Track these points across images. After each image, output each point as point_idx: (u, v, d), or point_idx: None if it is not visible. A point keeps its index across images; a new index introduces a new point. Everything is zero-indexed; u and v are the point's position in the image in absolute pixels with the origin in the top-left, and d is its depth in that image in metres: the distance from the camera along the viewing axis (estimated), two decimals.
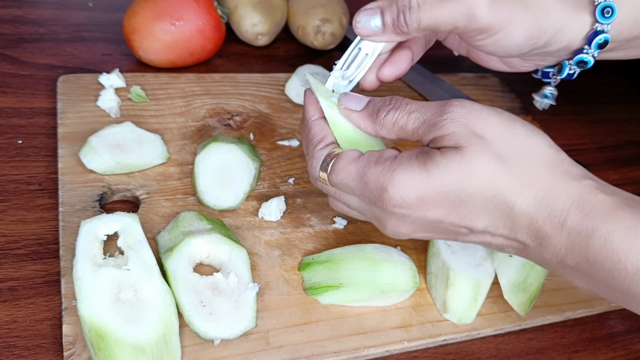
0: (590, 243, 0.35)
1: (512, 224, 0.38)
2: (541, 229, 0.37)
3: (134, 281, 0.42)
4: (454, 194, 0.37)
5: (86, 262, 0.41)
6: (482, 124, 0.38)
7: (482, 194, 0.37)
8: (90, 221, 0.44)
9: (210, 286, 0.44)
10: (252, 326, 0.44)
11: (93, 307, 0.40)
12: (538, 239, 0.37)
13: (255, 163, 0.54)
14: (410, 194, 0.37)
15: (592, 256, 0.35)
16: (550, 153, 0.38)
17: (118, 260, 0.43)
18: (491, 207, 0.38)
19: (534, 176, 0.37)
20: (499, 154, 0.37)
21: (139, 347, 0.40)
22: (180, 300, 0.43)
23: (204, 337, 0.42)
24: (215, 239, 0.46)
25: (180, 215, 0.49)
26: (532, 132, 0.39)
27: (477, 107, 0.39)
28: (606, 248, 0.35)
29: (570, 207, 0.36)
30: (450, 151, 0.37)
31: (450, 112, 0.38)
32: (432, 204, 0.38)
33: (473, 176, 0.37)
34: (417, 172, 0.37)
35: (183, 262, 0.45)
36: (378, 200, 0.39)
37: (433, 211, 0.38)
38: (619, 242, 0.35)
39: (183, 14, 0.60)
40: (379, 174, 0.38)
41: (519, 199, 0.37)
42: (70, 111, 0.56)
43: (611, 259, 0.35)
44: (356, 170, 0.40)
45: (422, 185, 0.37)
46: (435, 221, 0.39)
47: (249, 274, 0.46)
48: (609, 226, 0.35)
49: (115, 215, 0.45)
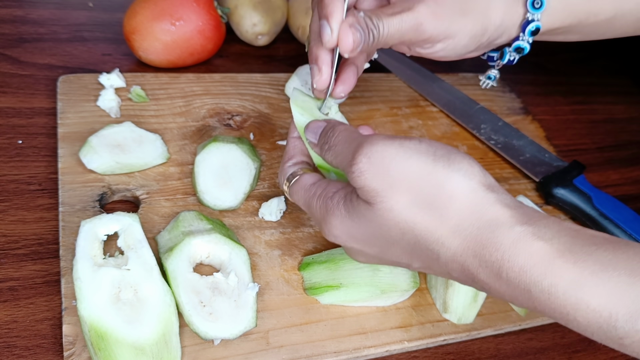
0: (532, 296, 0.33)
1: (445, 267, 0.36)
2: (476, 277, 0.35)
3: (134, 281, 0.42)
4: (381, 239, 0.38)
5: (86, 262, 0.41)
6: (394, 173, 0.35)
7: (404, 240, 0.37)
8: (90, 221, 0.44)
9: (210, 286, 0.44)
10: (252, 326, 0.44)
11: (93, 307, 0.40)
12: (478, 283, 0.35)
13: (255, 163, 0.54)
14: (342, 234, 0.40)
15: (539, 306, 0.33)
16: (474, 199, 0.34)
17: (118, 260, 0.43)
18: (418, 252, 0.37)
19: (456, 225, 0.34)
20: (415, 201, 0.35)
21: (139, 347, 0.40)
22: (180, 300, 0.43)
23: (204, 337, 0.42)
24: (215, 239, 0.46)
25: (180, 215, 0.49)
26: (456, 173, 0.35)
27: (391, 152, 0.36)
28: (550, 302, 0.32)
29: (502, 259, 0.33)
30: (364, 203, 0.37)
31: (358, 164, 0.36)
32: (365, 242, 0.39)
33: (389, 226, 0.36)
34: (343, 217, 0.39)
35: (183, 262, 0.45)
36: (321, 229, 0.41)
37: (369, 248, 0.40)
38: (564, 297, 0.32)
39: (183, 14, 0.60)
40: (319, 208, 0.41)
41: (442, 249, 0.35)
42: (70, 111, 0.56)
43: (559, 312, 0.33)
44: (304, 198, 0.42)
45: (349, 229, 0.39)
46: (375, 256, 0.40)
47: (249, 274, 0.46)
48: (549, 281, 0.32)
49: (116, 215, 0.45)
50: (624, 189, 0.69)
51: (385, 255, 0.39)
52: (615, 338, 0.32)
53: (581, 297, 0.32)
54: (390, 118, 0.65)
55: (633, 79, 0.86)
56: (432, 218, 0.35)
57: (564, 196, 0.59)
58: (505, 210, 0.34)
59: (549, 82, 0.80)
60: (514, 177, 0.63)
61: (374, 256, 0.40)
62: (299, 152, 0.46)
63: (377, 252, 0.40)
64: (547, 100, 0.78)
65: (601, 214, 0.57)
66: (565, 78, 0.80)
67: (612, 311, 0.31)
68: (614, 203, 0.59)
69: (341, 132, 0.41)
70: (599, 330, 0.32)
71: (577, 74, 0.83)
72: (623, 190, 0.69)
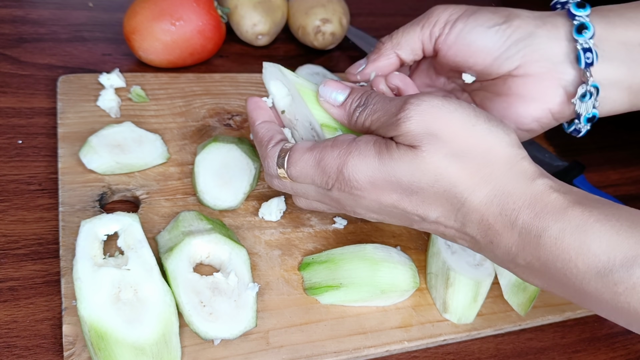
0: (540, 242, 0.35)
1: (463, 219, 0.38)
2: (492, 227, 0.37)
3: (134, 281, 0.42)
4: (404, 184, 0.38)
5: (86, 262, 0.41)
6: (440, 122, 0.37)
7: (433, 188, 0.38)
8: (90, 221, 0.44)
9: (210, 286, 0.44)
10: (252, 326, 0.44)
11: (93, 307, 0.40)
12: (489, 236, 0.38)
13: (255, 163, 0.54)
14: (363, 177, 0.39)
15: (543, 255, 0.36)
16: (509, 152, 0.38)
17: (118, 260, 0.43)
18: (443, 200, 0.38)
19: (488, 174, 0.37)
20: (454, 151, 0.37)
21: (139, 347, 0.40)
22: (180, 300, 0.43)
23: (204, 337, 0.42)
24: (215, 239, 0.46)
25: (180, 215, 0.49)
26: (495, 127, 0.38)
27: (437, 103, 0.38)
28: (557, 247, 0.35)
29: (522, 207, 0.36)
30: (405, 147, 0.38)
31: (406, 111, 0.38)
32: (385, 189, 0.39)
33: (425, 172, 0.37)
34: (371, 158, 0.39)
35: (183, 262, 0.45)
36: (336, 182, 0.40)
37: (386, 196, 0.39)
38: (569, 240, 0.35)
39: (183, 14, 0.60)
40: (335, 157, 0.40)
41: (470, 196, 0.37)
42: (70, 111, 0.56)
43: (562, 258, 0.35)
44: (313, 157, 0.41)
45: (374, 171, 0.39)
46: (389, 205, 0.40)
47: (249, 274, 0.46)
48: (559, 225, 0.35)
49: (116, 215, 0.45)
50: (624, 189, 0.69)
51: (401, 202, 0.39)
52: (610, 284, 0.33)
53: (584, 241, 0.34)
54: None
55: None
56: (469, 166, 0.37)
57: None
58: (531, 165, 0.38)
59: None
60: None
61: (388, 205, 0.40)
62: (275, 132, 0.45)
63: (394, 200, 0.39)
64: None
65: None
66: None
67: (610, 255, 0.33)
68: None
69: (379, 95, 0.42)
70: (597, 276, 0.34)
71: None
72: (623, 190, 0.69)
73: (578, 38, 0.44)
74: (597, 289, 0.34)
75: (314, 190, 0.43)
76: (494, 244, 0.38)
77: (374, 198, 0.40)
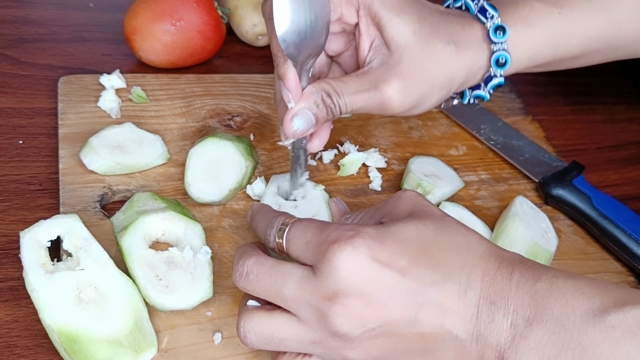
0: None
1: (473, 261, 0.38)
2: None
3: (91, 279, 0.42)
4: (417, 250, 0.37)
5: (36, 271, 0.40)
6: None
7: (442, 244, 0.38)
8: (29, 231, 0.42)
9: (166, 260, 0.45)
10: (209, 296, 0.44)
11: (57, 313, 0.39)
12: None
13: (247, 162, 0.54)
14: (365, 257, 0.36)
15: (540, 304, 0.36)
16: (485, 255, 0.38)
17: (68, 262, 0.42)
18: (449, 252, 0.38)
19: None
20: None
21: (115, 340, 0.40)
22: (135, 275, 0.43)
23: (160, 309, 0.43)
24: (169, 216, 0.47)
25: (135, 196, 0.49)
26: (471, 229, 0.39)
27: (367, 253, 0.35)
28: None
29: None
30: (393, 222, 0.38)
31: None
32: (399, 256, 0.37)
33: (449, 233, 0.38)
34: (372, 237, 0.36)
35: (137, 239, 0.45)
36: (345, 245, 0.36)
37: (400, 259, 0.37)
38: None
39: (183, 15, 0.60)
40: (348, 227, 0.37)
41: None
42: (71, 112, 0.56)
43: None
44: (315, 228, 0.38)
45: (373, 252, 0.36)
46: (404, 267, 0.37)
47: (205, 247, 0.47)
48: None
49: (54, 219, 0.43)
50: (623, 189, 0.69)
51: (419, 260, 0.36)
52: (607, 329, 0.33)
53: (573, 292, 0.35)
54: (390, 119, 0.65)
55: (633, 79, 0.86)
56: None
57: (563, 196, 0.59)
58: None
59: (548, 82, 0.80)
60: (513, 177, 0.64)
61: (404, 267, 0.36)
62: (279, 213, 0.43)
63: (406, 264, 0.36)
64: (547, 100, 0.78)
65: (600, 214, 0.58)
66: (565, 78, 0.80)
67: (603, 298, 0.34)
68: (613, 203, 0.59)
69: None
70: (593, 319, 0.34)
71: (577, 74, 0.82)
72: (622, 190, 0.69)
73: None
74: (595, 339, 0.33)
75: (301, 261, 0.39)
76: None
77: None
